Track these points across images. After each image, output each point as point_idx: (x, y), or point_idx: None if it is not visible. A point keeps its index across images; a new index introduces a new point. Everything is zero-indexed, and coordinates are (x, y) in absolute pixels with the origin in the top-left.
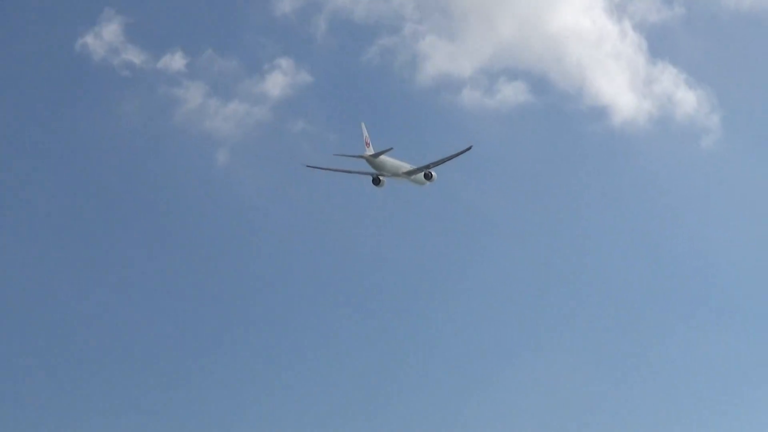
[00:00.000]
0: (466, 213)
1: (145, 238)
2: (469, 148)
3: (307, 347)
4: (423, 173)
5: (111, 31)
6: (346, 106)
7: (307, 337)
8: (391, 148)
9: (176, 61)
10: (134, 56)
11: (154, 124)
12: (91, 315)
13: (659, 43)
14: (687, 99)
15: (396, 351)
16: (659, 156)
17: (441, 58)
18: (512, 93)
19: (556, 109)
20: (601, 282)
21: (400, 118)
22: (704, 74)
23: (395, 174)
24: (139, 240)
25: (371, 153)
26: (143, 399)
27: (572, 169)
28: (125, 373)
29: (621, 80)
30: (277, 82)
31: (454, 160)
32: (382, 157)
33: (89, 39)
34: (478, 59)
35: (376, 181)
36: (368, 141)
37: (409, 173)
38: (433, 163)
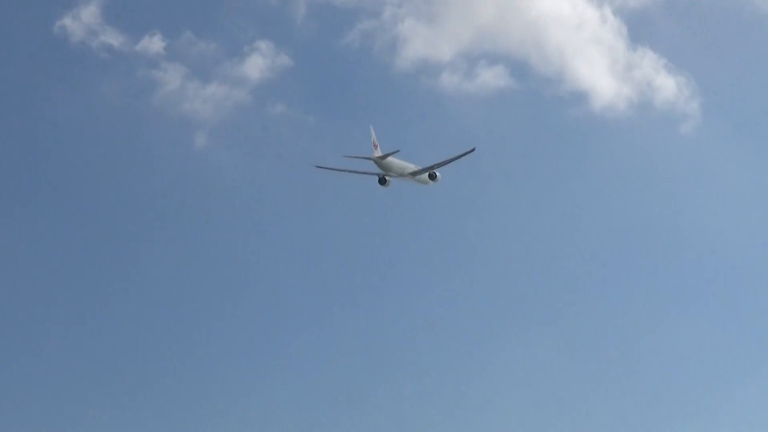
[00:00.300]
0: (447, 197)
1: (124, 220)
2: (472, 150)
3: (293, 337)
4: (428, 174)
5: (89, 13)
6: (325, 90)
7: (293, 325)
8: (398, 150)
9: (155, 44)
10: (113, 38)
11: (132, 106)
12: (68, 298)
13: (639, 29)
14: (667, 85)
15: (387, 343)
16: (639, 142)
17: (420, 42)
18: (492, 77)
19: (536, 94)
20: (582, 266)
21: (380, 101)
22: (684, 60)
23: (401, 174)
24: (117, 222)
25: (379, 155)
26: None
27: (552, 153)
28: (105, 361)
29: (601, 65)
30: (256, 64)
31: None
32: (390, 159)
33: (67, 21)
34: (457, 43)
35: (382, 181)
36: (376, 143)
37: (414, 174)
38: (437, 164)
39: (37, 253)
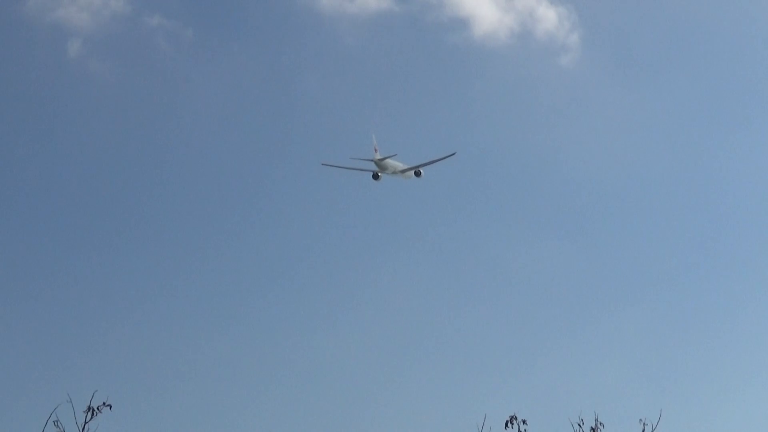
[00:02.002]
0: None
1: None
2: (453, 154)
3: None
4: (413, 171)
5: None
6: (203, 3)
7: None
8: (396, 154)
9: None
10: None
11: (2, 10)
12: None
13: None
14: (548, 16)
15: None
16: (518, 72)
17: None
18: None
19: (417, 18)
20: (457, 194)
21: (258, 18)
22: None
23: (394, 172)
24: None
25: (380, 157)
26: None
27: (431, 79)
28: None
29: None
30: None
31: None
32: (387, 160)
33: None
34: None
35: (375, 177)
36: (377, 147)
37: (404, 171)
38: (421, 165)
39: None
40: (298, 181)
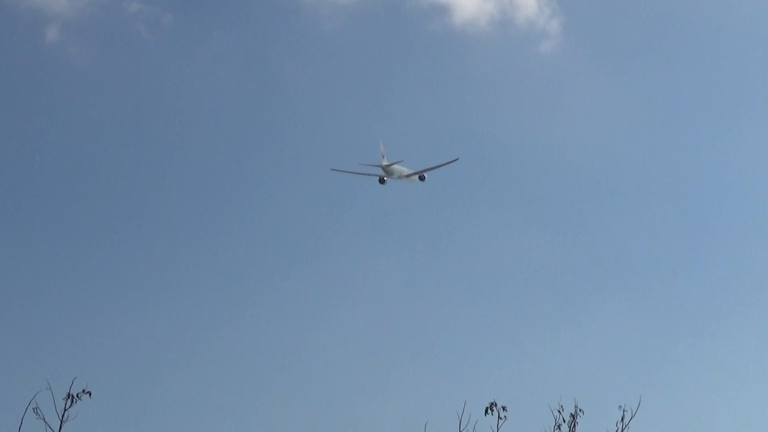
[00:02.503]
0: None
1: None
2: (455, 160)
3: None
4: (418, 176)
5: None
6: None
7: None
8: (402, 160)
9: None
10: None
11: None
12: None
13: None
14: (528, 3)
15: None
16: (498, 59)
17: None
18: None
19: (397, 5)
20: (440, 183)
21: (236, 6)
22: None
23: (400, 177)
24: None
25: (387, 163)
26: None
27: (411, 67)
28: None
29: None
30: None
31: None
32: (394, 166)
33: None
34: None
35: (382, 181)
36: (384, 154)
37: (409, 176)
38: (426, 169)
39: None
40: (292, 177)
